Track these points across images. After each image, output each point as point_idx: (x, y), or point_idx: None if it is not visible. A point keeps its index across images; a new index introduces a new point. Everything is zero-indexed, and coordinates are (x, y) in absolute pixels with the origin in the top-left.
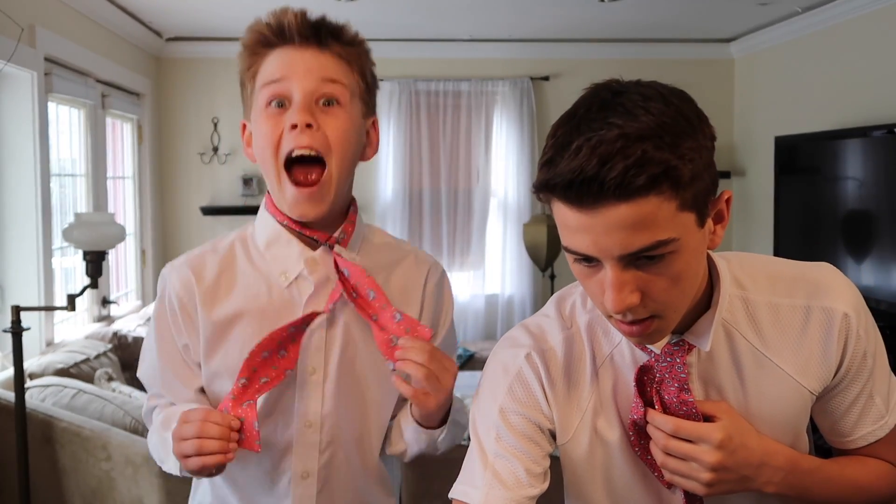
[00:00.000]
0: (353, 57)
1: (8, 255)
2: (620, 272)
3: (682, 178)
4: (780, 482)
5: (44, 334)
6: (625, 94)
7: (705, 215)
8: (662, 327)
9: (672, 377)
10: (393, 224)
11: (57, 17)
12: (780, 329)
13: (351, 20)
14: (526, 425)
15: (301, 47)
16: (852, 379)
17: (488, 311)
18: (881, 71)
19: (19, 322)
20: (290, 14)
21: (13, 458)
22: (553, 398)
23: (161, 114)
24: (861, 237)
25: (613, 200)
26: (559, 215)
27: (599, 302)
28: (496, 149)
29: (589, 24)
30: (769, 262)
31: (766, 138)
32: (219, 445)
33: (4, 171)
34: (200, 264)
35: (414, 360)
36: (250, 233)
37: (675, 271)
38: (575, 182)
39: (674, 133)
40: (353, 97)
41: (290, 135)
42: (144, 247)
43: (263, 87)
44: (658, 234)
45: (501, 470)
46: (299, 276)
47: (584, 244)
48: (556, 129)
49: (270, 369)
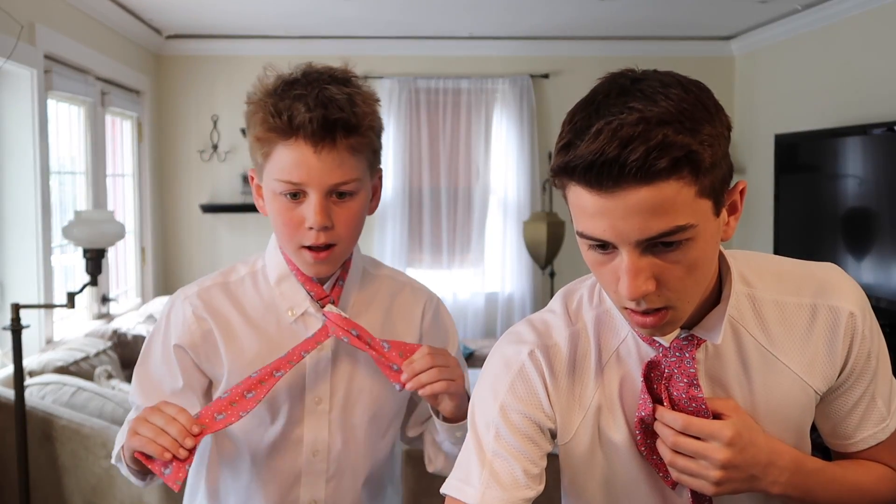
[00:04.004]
0: (364, 143)
1: (8, 253)
2: (637, 258)
3: (703, 164)
4: (786, 482)
5: (43, 332)
6: (644, 80)
7: (721, 204)
8: (675, 318)
9: (681, 372)
10: (393, 222)
11: (57, 14)
12: (786, 327)
13: (351, 18)
14: (526, 424)
15: (314, 149)
16: (856, 380)
17: (488, 308)
18: (881, 69)
19: (19, 320)
20: (302, 112)
21: (13, 456)
22: (556, 396)
23: (161, 111)
24: (861, 235)
25: (634, 183)
26: (576, 200)
27: (613, 291)
28: (496, 146)
29: (589, 22)
30: (775, 261)
31: (766, 136)
32: (171, 443)
33: (4, 168)
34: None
35: (420, 369)
36: (260, 266)
37: (690, 259)
38: (595, 164)
39: (693, 119)
40: (363, 180)
41: (308, 233)
42: (144, 244)
43: (278, 180)
44: (676, 220)
45: (500, 469)
46: (305, 312)
47: (602, 229)
48: (574, 115)
49: (230, 406)
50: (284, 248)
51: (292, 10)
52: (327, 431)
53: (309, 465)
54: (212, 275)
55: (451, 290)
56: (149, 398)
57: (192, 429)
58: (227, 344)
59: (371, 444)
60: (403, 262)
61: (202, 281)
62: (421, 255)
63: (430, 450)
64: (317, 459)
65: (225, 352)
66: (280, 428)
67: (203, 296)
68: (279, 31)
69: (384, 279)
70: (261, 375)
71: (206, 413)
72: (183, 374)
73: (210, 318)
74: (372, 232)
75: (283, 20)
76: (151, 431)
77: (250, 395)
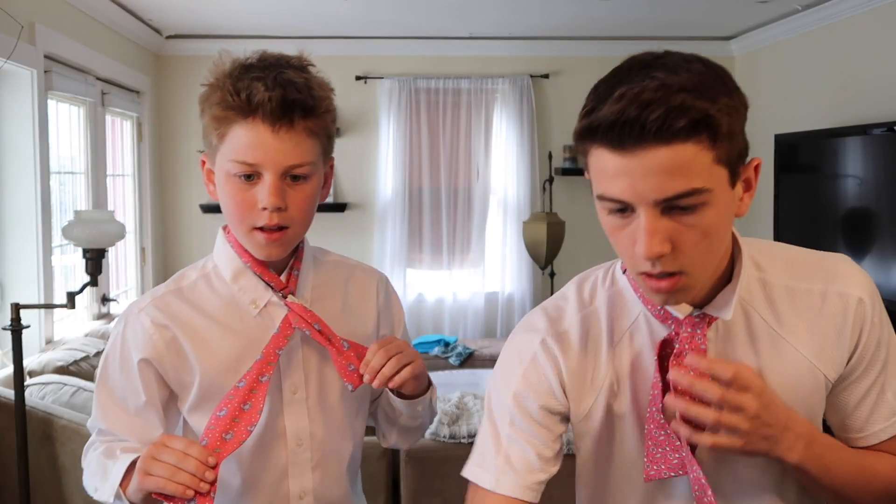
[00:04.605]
0: (321, 126)
1: (8, 253)
2: (654, 219)
3: (720, 130)
4: (803, 451)
5: (43, 332)
6: (666, 56)
7: (737, 176)
8: (688, 286)
9: (693, 349)
10: (393, 222)
11: (57, 14)
12: (796, 311)
13: (351, 18)
14: (539, 411)
15: (272, 128)
16: (865, 369)
17: (488, 309)
18: (881, 69)
19: (19, 320)
20: (261, 91)
21: (13, 456)
22: (568, 381)
23: (161, 111)
24: (861, 235)
25: (653, 143)
26: (597, 163)
27: (629, 256)
28: (496, 146)
29: (589, 22)
30: (786, 249)
31: (766, 136)
32: (190, 480)
33: (4, 168)
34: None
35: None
36: (211, 268)
37: (705, 224)
38: (617, 123)
39: (713, 89)
40: (317, 164)
41: (261, 214)
42: (144, 244)
43: (233, 161)
44: (693, 182)
45: (513, 455)
46: (269, 302)
47: (621, 188)
48: (598, 86)
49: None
50: (235, 231)
51: (292, 10)
52: (307, 419)
53: (294, 456)
54: (161, 284)
55: (451, 290)
56: (113, 421)
57: (208, 461)
58: (195, 347)
59: (348, 425)
60: (403, 262)
61: (153, 291)
62: (421, 255)
63: (384, 426)
64: (301, 449)
65: (195, 355)
66: (262, 423)
67: (159, 304)
68: (279, 31)
69: (334, 264)
70: (249, 384)
71: (211, 436)
72: (145, 390)
73: (171, 325)
74: (372, 232)
75: (283, 20)
76: (167, 471)
77: (248, 407)
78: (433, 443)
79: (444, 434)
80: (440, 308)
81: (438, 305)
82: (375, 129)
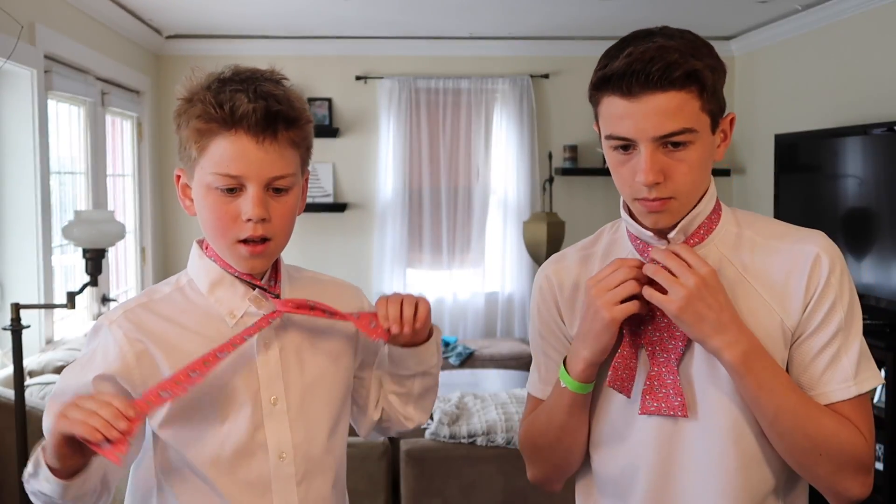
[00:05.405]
0: (302, 137)
1: (8, 253)
2: (652, 152)
3: (706, 84)
4: (741, 354)
5: (43, 332)
6: (664, 28)
7: (717, 125)
8: (675, 209)
9: None
10: (393, 222)
11: (57, 14)
12: (764, 263)
13: (351, 18)
14: (552, 322)
15: (256, 140)
16: (820, 325)
17: (488, 309)
18: (881, 68)
19: (19, 320)
20: (245, 103)
21: (13, 456)
22: (564, 307)
23: (161, 111)
24: (861, 235)
25: (654, 90)
26: (608, 109)
27: (629, 185)
28: (496, 146)
29: (589, 22)
30: (770, 219)
31: (766, 136)
32: (103, 425)
33: (4, 168)
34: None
35: (396, 314)
36: (186, 281)
37: (691, 159)
38: (626, 73)
39: (701, 53)
40: (297, 176)
41: (244, 226)
42: (144, 244)
43: (215, 174)
44: (685, 123)
45: (541, 364)
46: (245, 313)
47: (627, 127)
48: (609, 50)
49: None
50: (216, 244)
51: (292, 10)
52: (289, 431)
53: (277, 470)
54: (133, 298)
55: (451, 290)
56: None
57: (126, 412)
58: (167, 356)
59: (329, 434)
60: (403, 263)
61: (125, 304)
62: (421, 255)
63: (401, 408)
64: (284, 462)
65: (167, 364)
66: (242, 436)
67: (130, 317)
68: (279, 31)
69: (309, 280)
70: (205, 357)
71: (150, 391)
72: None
73: (144, 338)
74: (372, 232)
75: (283, 20)
76: (82, 414)
77: (195, 375)
78: (433, 443)
79: (444, 434)
80: (440, 308)
81: (438, 305)
82: (375, 129)
